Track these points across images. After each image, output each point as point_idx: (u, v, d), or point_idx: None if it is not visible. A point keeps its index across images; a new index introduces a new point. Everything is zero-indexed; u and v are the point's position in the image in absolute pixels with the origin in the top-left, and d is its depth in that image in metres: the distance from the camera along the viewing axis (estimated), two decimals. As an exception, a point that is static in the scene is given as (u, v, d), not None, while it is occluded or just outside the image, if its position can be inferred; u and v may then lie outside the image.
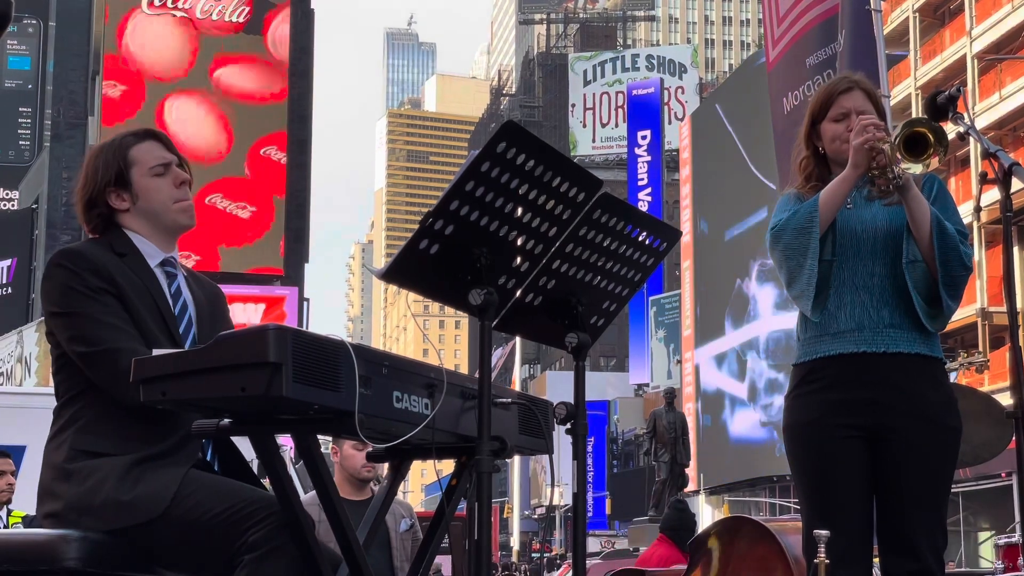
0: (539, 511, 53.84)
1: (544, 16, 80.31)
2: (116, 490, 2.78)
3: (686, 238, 40.95)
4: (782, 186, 6.96)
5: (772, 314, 34.76)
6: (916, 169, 3.33)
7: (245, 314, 31.55)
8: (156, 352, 2.53)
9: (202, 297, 3.16)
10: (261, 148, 37.31)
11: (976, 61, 34.86)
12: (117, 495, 2.78)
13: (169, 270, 3.10)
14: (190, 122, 37.11)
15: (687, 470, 22.71)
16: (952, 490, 3.50)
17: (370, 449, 3.07)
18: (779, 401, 28.80)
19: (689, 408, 39.40)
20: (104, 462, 2.82)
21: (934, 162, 3.32)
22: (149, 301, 2.99)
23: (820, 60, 7.01)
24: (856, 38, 6.58)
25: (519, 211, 2.79)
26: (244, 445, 2.85)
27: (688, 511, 8.46)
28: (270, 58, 37.91)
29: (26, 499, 7.15)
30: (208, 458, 3.04)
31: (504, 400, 3.04)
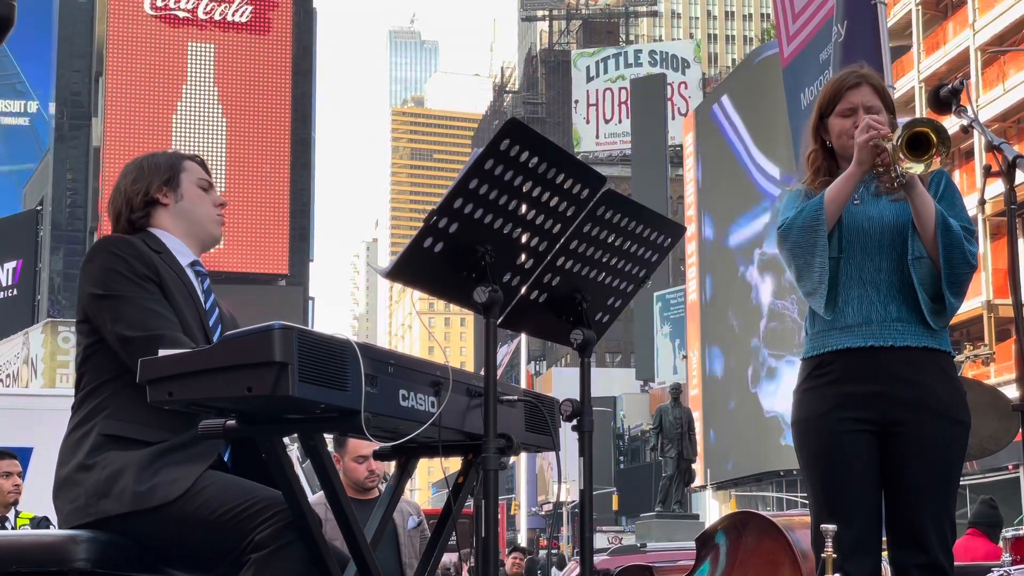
0: (546, 508, 53.83)
1: (546, 13, 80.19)
2: (135, 480, 2.82)
3: (690, 233, 40.92)
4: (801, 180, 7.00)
5: (771, 303, 34.78)
6: (918, 169, 3.31)
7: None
8: (163, 352, 2.54)
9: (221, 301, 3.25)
10: (265, 147, 37.35)
11: (979, 53, 34.81)
12: (135, 485, 2.81)
13: (199, 269, 3.20)
14: (195, 122, 37.15)
15: (693, 465, 22.73)
16: (959, 483, 3.50)
17: (376, 448, 3.08)
18: (781, 388, 28.73)
19: (694, 388, 39.45)
20: (126, 455, 2.85)
21: (936, 163, 3.31)
22: (186, 296, 3.07)
23: (828, 55, 7.03)
24: (859, 31, 6.57)
25: (523, 208, 2.79)
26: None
27: (998, 508, 8.53)
28: (273, 57, 37.94)
29: (33, 500, 7.17)
30: (224, 454, 3.06)
31: (510, 397, 3.04)
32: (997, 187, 3.56)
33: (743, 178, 36.45)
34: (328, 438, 3.09)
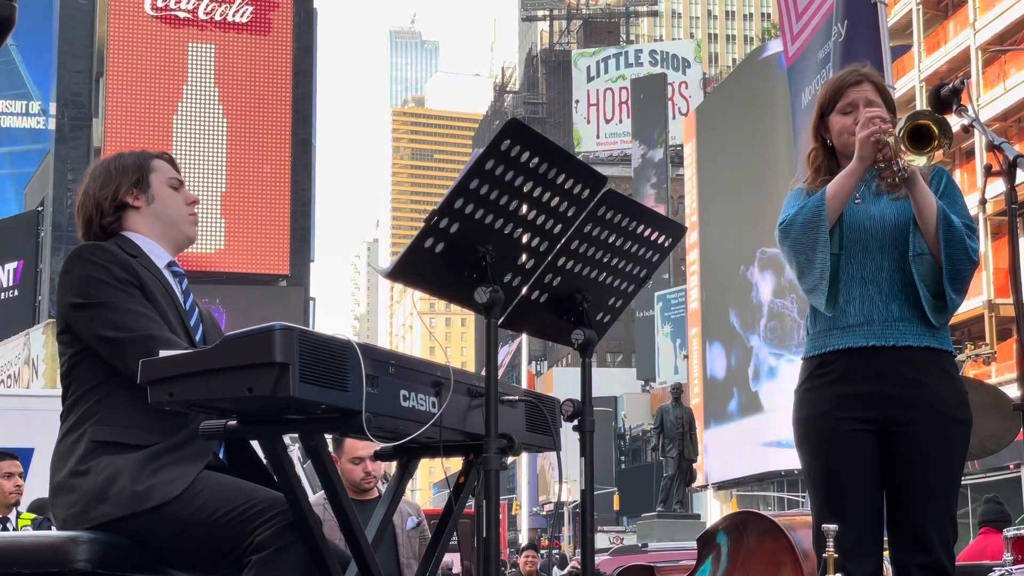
0: (547, 508, 53.83)
1: (547, 13, 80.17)
2: (132, 481, 2.81)
3: (691, 235, 40.94)
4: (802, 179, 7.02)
5: (771, 301, 34.78)
6: (921, 162, 3.31)
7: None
8: (163, 353, 2.54)
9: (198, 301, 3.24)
10: (265, 147, 37.35)
11: (980, 52, 34.80)
12: (133, 485, 2.80)
13: (176, 270, 3.17)
14: (195, 122, 37.15)
15: (695, 465, 22.73)
16: (961, 482, 3.50)
17: (378, 448, 3.08)
18: (782, 387, 28.64)
19: (695, 397, 39.43)
20: (120, 458, 2.84)
21: (939, 155, 3.31)
22: (167, 297, 3.04)
23: (826, 53, 7.05)
24: (859, 30, 6.58)
25: (524, 208, 2.79)
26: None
27: (1003, 503, 8.88)
28: (273, 57, 37.94)
29: (35, 501, 7.17)
30: (220, 454, 3.05)
31: (511, 398, 3.04)
32: (998, 186, 3.56)
33: (744, 177, 36.43)
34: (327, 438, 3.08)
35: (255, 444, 2.99)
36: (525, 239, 2.85)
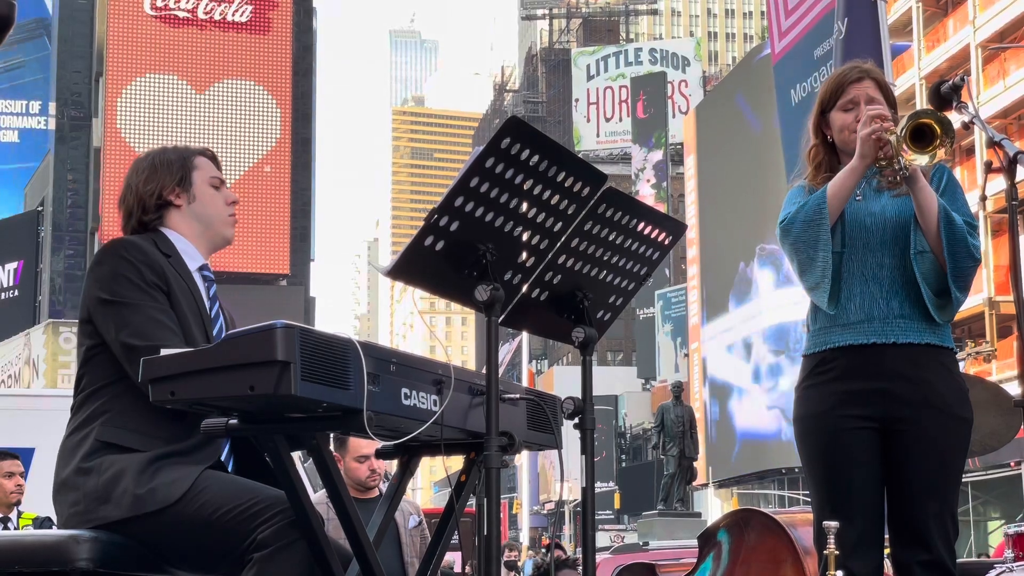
0: (548, 506, 53.81)
1: (546, 11, 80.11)
2: (134, 483, 2.81)
3: (692, 231, 40.93)
4: (790, 178, 7.02)
5: (770, 298, 34.77)
6: (922, 161, 3.31)
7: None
8: (164, 352, 2.54)
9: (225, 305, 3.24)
10: (265, 147, 37.36)
11: (980, 50, 34.78)
12: (135, 488, 2.80)
13: (207, 274, 3.18)
14: (195, 123, 37.15)
15: (696, 463, 22.73)
16: (962, 480, 3.50)
17: (379, 446, 3.08)
18: (782, 385, 28.60)
19: (696, 396, 39.43)
20: (124, 458, 2.84)
21: (940, 155, 3.31)
22: (192, 303, 3.05)
23: (825, 51, 7.05)
24: (858, 28, 6.59)
25: (524, 207, 2.79)
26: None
27: None
28: (273, 57, 37.93)
29: (35, 501, 7.17)
30: (224, 456, 3.05)
31: (512, 396, 3.04)
32: (998, 184, 3.55)
33: (744, 175, 36.42)
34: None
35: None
36: (525, 237, 2.85)
